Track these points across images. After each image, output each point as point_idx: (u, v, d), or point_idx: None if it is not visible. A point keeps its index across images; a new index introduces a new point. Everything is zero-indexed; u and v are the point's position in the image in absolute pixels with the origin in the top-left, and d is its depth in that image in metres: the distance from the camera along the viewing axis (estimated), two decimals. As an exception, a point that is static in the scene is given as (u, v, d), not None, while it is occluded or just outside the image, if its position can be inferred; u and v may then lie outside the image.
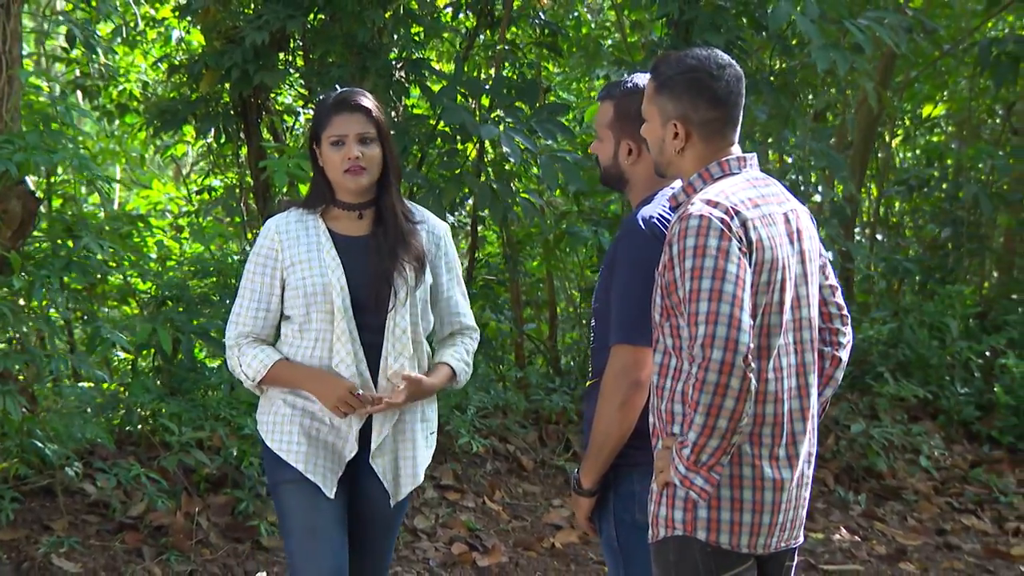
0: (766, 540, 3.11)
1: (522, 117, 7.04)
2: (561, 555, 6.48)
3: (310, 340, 3.83)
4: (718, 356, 2.88)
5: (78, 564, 5.50)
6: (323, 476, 3.84)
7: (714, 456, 2.95)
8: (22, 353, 5.44)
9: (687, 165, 3.21)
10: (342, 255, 3.84)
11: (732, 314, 2.90)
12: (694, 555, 3.09)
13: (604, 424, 3.36)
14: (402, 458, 3.92)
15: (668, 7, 7.16)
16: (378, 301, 3.80)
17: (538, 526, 6.76)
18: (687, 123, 3.17)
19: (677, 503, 3.08)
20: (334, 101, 3.86)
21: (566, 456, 7.36)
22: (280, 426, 3.89)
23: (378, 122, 3.84)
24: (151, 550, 5.70)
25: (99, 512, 5.86)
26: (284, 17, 6.97)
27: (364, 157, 3.79)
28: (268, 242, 3.89)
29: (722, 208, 3.01)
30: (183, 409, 6.20)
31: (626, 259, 3.37)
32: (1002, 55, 8.79)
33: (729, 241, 2.96)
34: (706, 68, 3.15)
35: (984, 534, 7.48)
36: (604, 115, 3.58)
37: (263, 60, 7.07)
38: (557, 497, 7.08)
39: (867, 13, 7.40)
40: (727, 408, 2.90)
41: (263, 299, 3.89)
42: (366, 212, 3.90)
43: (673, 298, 3.05)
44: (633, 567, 3.46)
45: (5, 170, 5.23)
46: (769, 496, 3.08)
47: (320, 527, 3.84)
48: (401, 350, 3.82)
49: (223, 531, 5.98)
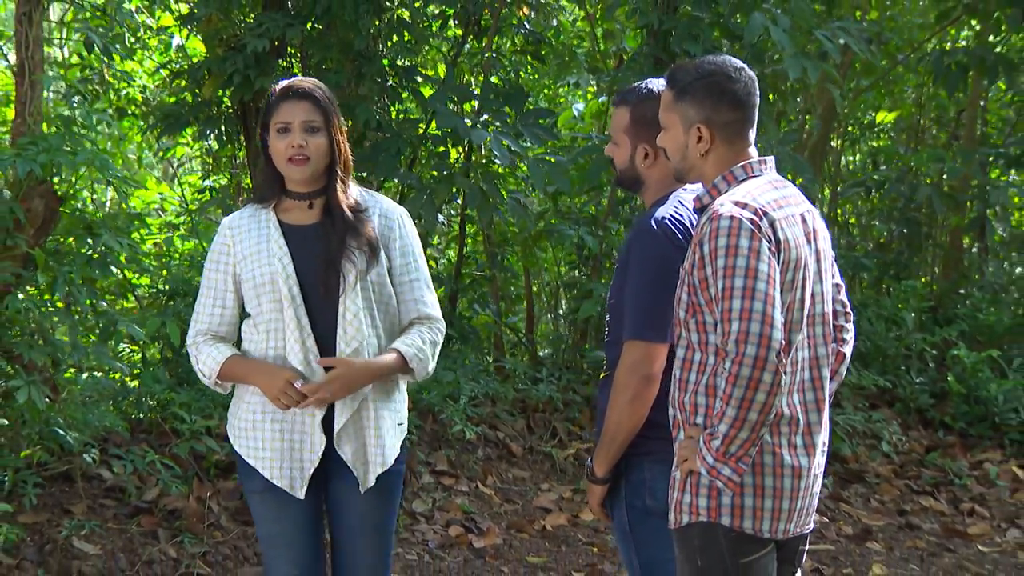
0: (785, 525, 3.15)
1: (509, 121, 7.20)
2: (552, 536, 6.61)
3: (263, 332, 3.72)
4: (752, 351, 2.92)
5: (97, 546, 5.56)
6: (290, 479, 3.73)
7: (743, 447, 3.00)
8: (46, 346, 5.51)
9: (709, 169, 3.25)
10: (291, 244, 3.72)
11: (765, 311, 2.94)
12: (719, 540, 3.12)
13: (616, 416, 3.42)
14: (371, 445, 3.76)
15: (648, 17, 7.34)
16: (327, 287, 3.66)
17: (529, 509, 6.88)
18: (711, 126, 3.20)
19: (701, 490, 3.13)
20: (281, 89, 3.74)
21: (552, 443, 7.48)
22: (247, 431, 3.79)
23: (325, 110, 3.71)
24: (166, 533, 5.77)
25: (115, 496, 5.92)
26: (284, 25, 7.08)
27: (308, 146, 3.66)
28: (221, 239, 3.81)
29: (751, 209, 3.05)
30: (192, 399, 6.30)
31: (639, 258, 3.41)
32: (952, 65, 9.06)
33: (760, 241, 3.00)
34: (724, 72, 3.19)
35: (941, 514, 7.69)
36: (620, 120, 3.61)
37: (263, 66, 7.17)
38: (545, 482, 7.20)
39: (832, 24, 7.62)
40: (758, 402, 2.94)
41: (218, 296, 3.81)
42: (316, 201, 3.76)
43: (704, 295, 3.09)
44: (644, 551, 3.52)
45: (29, 170, 5.31)
46: (788, 483, 3.12)
47: (282, 535, 3.79)
48: (354, 335, 3.66)
49: (233, 515, 6.06)
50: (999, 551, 7.08)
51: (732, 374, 2.95)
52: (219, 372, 3.75)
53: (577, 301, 8.19)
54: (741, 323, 2.94)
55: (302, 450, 3.72)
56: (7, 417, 5.42)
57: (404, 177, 7.32)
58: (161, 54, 8.18)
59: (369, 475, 3.76)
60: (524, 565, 6.25)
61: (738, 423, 2.97)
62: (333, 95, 3.80)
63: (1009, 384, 8.85)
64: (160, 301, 7.17)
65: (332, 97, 3.78)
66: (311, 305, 3.69)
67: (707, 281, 3.07)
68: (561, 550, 6.48)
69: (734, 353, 2.95)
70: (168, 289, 6.71)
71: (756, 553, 3.14)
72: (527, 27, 8.15)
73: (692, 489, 3.15)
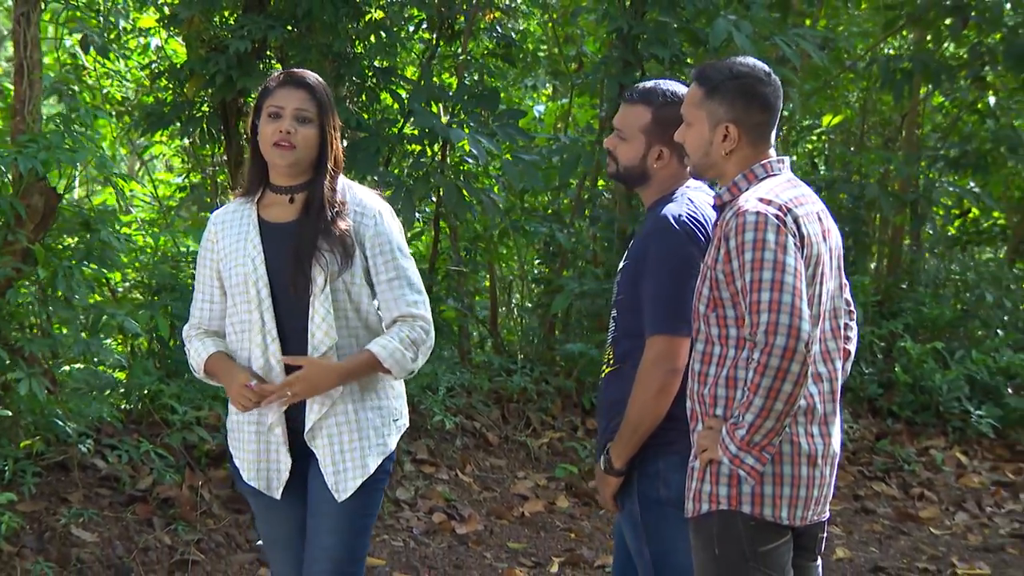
0: (803, 513, 3.13)
1: (484, 121, 7.27)
2: (530, 523, 6.68)
3: (237, 332, 3.60)
4: (781, 342, 2.91)
5: (95, 534, 5.55)
6: (267, 480, 3.63)
7: (767, 437, 2.99)
8: (46, 338, 5.49)
9: (731, 168, 3.22)
10: (266, 242, 3.57)
11: (793, 303, 2.94)
12: (738, 528, 3.10)
13: (639, 409, 3.39)
14: (347, 449, 3.57)
15: (618, 22, 7.44)
16: (297, 290, 3.50)
17: (507, 496, 6.93)
18: (739, 126, 3.18)
19: (721, 479, 3.10)
20: (280, 75, 3.61)
21: (527, 432, 7.53)
22: (232, 431, 3.71)
23: (320, 103, 3.53)
24: (160, 520, 5.75)
25: (110, 486, 5.89)
26: (265, 27, 7.09)
27: (296, 134, 3.49)
28: (208, 234, 3.70)
29: (775, 205, 3.05)
30: (182, 390, 6.30)
31: (660, 255, 3.40)
32: (898, 71, 9.28)
33: (786, 236, 3.00)
34: (756, 75, 3.18)
35: (893, 499, 7.86)
36: (638, 118, 3.57)
37: (245, 67, 7.17)
38: (521, 470, 7.26)
39: (790, 30, 7.78)
40: (785, 392, 2.93)
41: (206, 291, 3.70)
42: (297, 196, 3.59)
43: (729, 289, 3.08)
44: (655, 542, 3.49)
45: (30, 168, 5.30)
46: (806, 471, 3.10)
47: (275, 538, 3.74)
48: (322, 339, 3.49)
49: (224, 503, 6.05)
50: (950, 534, 7.26)
51: (761, 364, 2.94)
52: (204, 367, 3.68)
53: (547, 297, 8.28)
54: (770, 315, 2.94)
55: (278, 452, 3.61)
56: (8, 408, 5.40)
57: (382, 175, 7.36)
58: (140, 55, 8.13)
59: (348, 482, 3.56)
60: (506, 551, 6.31)
61: (764, 412, 2.95)
62: (331, 93, 3.65)
63: (952, 374, 9.05)
64: (136, 295, 7.14)
65: (330, 93, 3.63)
66: (283, 307, 3.54)
67: (733, 275, 3.06)
68: (540, 536, 6.55)
69: (763, 344, 2.94)
70: (154, 284, 6.68)
71: (775, 541, 3.12)
72: (499, 31, 8.22)
73: (712, 478, 3.13)
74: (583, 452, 7.49)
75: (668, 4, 7.50)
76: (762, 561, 3.10)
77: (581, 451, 7.50)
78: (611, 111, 7.77)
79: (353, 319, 3.59)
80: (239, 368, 3.57)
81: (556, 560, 6.19)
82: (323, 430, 3.57)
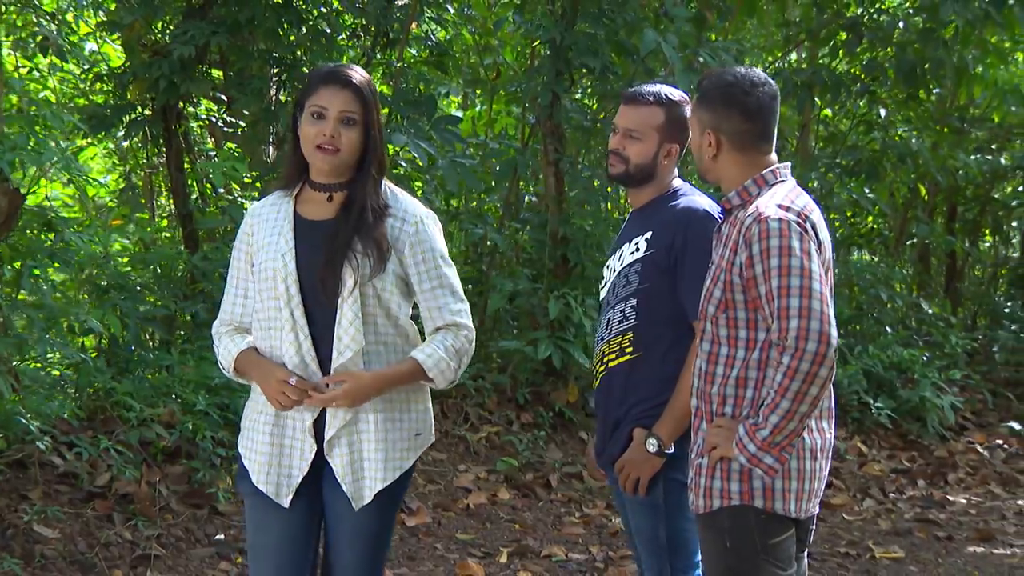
0: (807, 505, 3.13)
1: (423, 126, 7.30)
2: (476, 514, 6.70)
3: (265, 328, 3.40)
4: (812, 347, 2.90)
5: (56, 530, 5.42)
6: (276, 485, 3.39)
7: (788, 438, 2.98)
8: (9, 337, 5.37)
9: (723, 171, 3.23)
10: (299, 239, 3.36)
11: (822, 310, 2.94)
12: (749, 522, 3.09)
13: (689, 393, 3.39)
14: (366, 459, 3.36)
15: (550, 32, 7.53)
16: (326, 289, 3.30)
17: (451, 489, 6.94)
18: (718, 132, 3.19)
19: (732, 475, 3.09)
20: (326, 71, 3.38)
21: (465, 427, 7.56)
22: (247, 430, 3.48)
23: (366, 104, 3.33)
24: (120, 516, 5.64)
25: (69, 483, 5.77)
26: (208, 33, 7.03)
27: (340, 138, 3.30)
28: (245, 226, 3.49)
29: (794, 212, 3.05)
30: (136, 388, 6.20)
31: (701, 246, 3.43)
32: (798, 84, 9.54)
33: (809, 243, 3.01)
34: (740, 85, 3.17)
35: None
36: (654, 118, 3.63)
37: (188, 72, 7.10)
38: (462, 463, 7.27)
39: (709, 44, 7.97)
40: (811, 395, 2.93)
41: (240, 285, 3.50)
42: (337, 195, 3.38)
43: (750, 292, 3.06)
44: (673, 522, 3.56)
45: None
46: (810, 465, 3.10)
47: (264, 546, 3.45)
48: (349, 343, 3.29)
49: (182, 498, 5.96)
50: (862, 519, 7.46)
51: (792, 368, 2.92)
52: (234, 365, 3.46)
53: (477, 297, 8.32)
54: (801, 320, 2.92)
55: (291, 456, 3.39)
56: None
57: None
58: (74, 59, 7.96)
59: (364, 490, 3.37)
60: (455, 542, 6.32)
61: (790, 415, 2.94)
62: (375, 88, 3.43)
63: (852, 369, 9.32)
64: (82, 295, 7.02)
65: (375, 90, 3.41)
66: (312, 305, 3.33)
67: (756, 280, 3.04)
68: (486, 527, 6.59)
69: (793, 349, 2.92)
70: (102, 283, 6.57)
71: (783, 534, 3.12)
72: (432, 39, 8.25)
73: (722, 475, 3.11)
74: (520, 445, 7.56)
75: (597, 16, 7.63)
76: (772, 554, 3.11)
77: (518, 444, 7.56)
78: (542, 117, 7.87)
79: (383, 325, 3.38)
80: (276, 365, 3.35)
81: (505, 550, 6.22)
82: (342, 439, 3.36)
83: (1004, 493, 8.39)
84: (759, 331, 3.10)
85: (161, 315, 6.50)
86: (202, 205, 7.55)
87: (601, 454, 3.80)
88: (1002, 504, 8.05)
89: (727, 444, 3.08)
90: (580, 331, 7.62)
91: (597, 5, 7.64)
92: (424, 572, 5.89)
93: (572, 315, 7.59)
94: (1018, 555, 6.78)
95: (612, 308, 3.71)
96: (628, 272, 3.66)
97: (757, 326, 3.10)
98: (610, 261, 3.82)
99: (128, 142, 7.74)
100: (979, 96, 11.32)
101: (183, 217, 7.46)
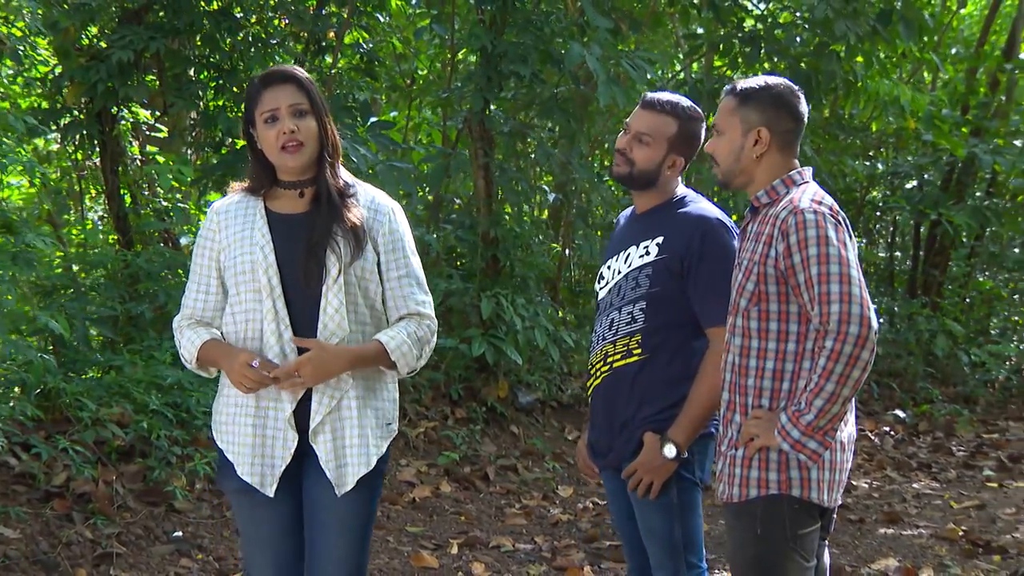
0: (836, 495, 3.15)
1: (359, 131, 7.32)
2: (421, 507, 6.72)
3: (241, 320, 3.34)
4: (855, 331, 2.93)
5: (17, 530, 5.29)
6: (261, 475, 3.35)
7: (831, 422, 2.99)
8: (-27, 338, 5.23)
9: (760, 173, 3.25)
10: (275, 232, 3.33)
11: (862, 295, 2.97)
12: (783, 511, 3.09)
13: (707, 397, 3.44)
14: (351, 445, 3.33)
15: (481, 39, 7.62)
16: (308, 278, 3.28)
17: (395, 483, 6.93)
18: (771, 131, 3.21)
19: (771, 465, 3.09)
20: (263, 76, 3.36)
21: (404, 422, 7.59)
22: (227, 425, 3.42)
23: (310, 93, 3.32)
24: (80, 515, 5.52)
25: (25, 483, 5.64)
26: (147, 38, 6.94)
27: (300, 131, 3.27)
28: (209, 224, 3.44)
29: (826, 206, 3.09)
30: (87, 388, 6.08)
31: (717, 252, 3.47)
32: (702, 93, 9.79)
33: (844, 233, 3.05)
34: (788, 88, 3.26)
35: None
36: (667, 127, 3.64)
37: (126, 76, 7.00)
38: (403, 458, 7.29)
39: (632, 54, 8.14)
40: (854, 378, 2.95)
41: (202, 281, 3.45)
42: (307, 190, 3.36)
43: (790, 282, 3.07)
44: (687, 520, 3.57)
45: (-43, 170, 5.06)
46: (839, 456, 3.12)
47: (258, 538, 3.44)
48: (334, 330, 3.28)
49: (139, 496, 5.87)
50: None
51: (836, 351, 2.94)
52: (197, 356, 3.41)
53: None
54: (842, 305, 2.95)
55: (274, 447, 3.35)
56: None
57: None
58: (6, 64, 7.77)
59: (348, 476, 3.33)
60: (406, 535, 6.31)
61: (834, 398, 2.96)
62: (312, 80, 3.40)
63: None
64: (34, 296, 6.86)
65: (312, 80, 3.39)
66: (292, 297, 3.31)
67: (793, 269, 3.06)
68: (433, 520, 6.61)
69: (836, 332, 2.95)
70: (48, 285, 6.43)
71: (811, 526, 3.14)
72: (365, 47, 8.26)
73: (761, 464, 3.12)
74: (457, 440, 7.61)
75: (524, 26, 7.74)
76: (800, 544, 3.12)
77: (455, 439, 7.61)
78: (473, 122, 7.95)
79: (363, 312, 3.37)
80: (239, 349, 3.31)
81: (454, 542, 6.24)
82: (326, 426, 3.33)
83: (899, 477, 8.72)
84: (790, 323, 3.13)
85: (106, 315, 6.38)
86: (136, 208, 7.44)
87: (606, 453, 3.77)
88: (900, 488, 8.35)
89: (768, 434, 3.08)
90: (511, 329, 7.71)
91: (524, 15, 7.75)
92: (380, 565, 5.89)
93: (503, 314, 7.68)
94: (924, 535, 7.03)
95: (618, 309, 3.69)
96: (638, 275, 3.65)
97: (788, 319, 3.12)
98: (611, 262, 3.80)
99: (58, 145, 7.55)
100: (862, 106, 11.77)
101: (118, 219, 7.34)
